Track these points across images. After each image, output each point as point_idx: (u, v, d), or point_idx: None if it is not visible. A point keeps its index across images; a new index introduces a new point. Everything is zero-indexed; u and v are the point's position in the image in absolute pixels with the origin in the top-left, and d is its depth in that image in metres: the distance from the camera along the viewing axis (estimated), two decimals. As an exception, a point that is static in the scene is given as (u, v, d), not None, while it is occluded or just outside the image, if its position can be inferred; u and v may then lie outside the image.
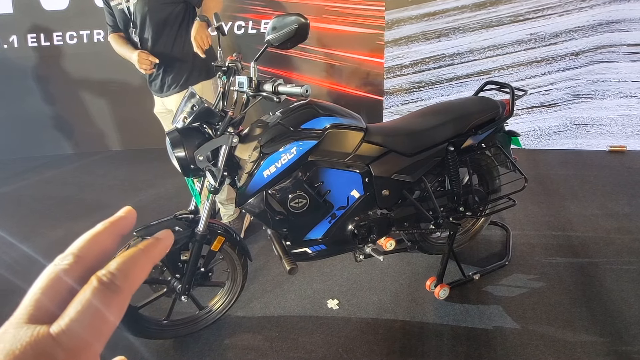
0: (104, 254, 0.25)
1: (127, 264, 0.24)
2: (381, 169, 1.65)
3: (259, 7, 3.58)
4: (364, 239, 1.70)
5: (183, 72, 2.03)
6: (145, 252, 0.25)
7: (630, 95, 3.28)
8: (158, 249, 0.26)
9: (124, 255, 0.24)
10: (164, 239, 0.26)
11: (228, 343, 1.71)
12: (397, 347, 1.66)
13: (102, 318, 0.21)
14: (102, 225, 0.26)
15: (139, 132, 4.04)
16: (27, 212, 3.00)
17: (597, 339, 1.62)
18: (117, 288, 0.22)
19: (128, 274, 0.23)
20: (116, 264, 0.23)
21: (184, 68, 2.03)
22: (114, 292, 0.22)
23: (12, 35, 3.73)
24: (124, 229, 0.26)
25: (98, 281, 0.22)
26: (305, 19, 1.26)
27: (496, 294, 1.90)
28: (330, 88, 3.77)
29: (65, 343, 0.20)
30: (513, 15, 3.26)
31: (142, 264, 0.24)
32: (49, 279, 0.23)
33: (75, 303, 0.21)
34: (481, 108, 1.82)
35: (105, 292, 0.22)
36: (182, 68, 2.03)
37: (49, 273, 0.23)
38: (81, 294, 0.22)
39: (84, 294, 0.22)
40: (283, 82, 1.35)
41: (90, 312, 0.21)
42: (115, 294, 0.22)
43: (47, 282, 0.23)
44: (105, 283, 0.22)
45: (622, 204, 2.58)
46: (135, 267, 0.24)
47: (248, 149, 1.48)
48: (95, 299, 0.22)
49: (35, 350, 0.20)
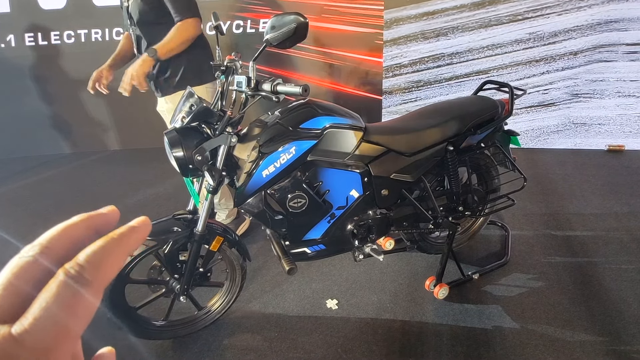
0: (75, 247, 0.22)
1: (98, 254, 0.21)
2: (380, 168, 1.65)
3: (258, 6, 3.57)
4: (363, 239, 1.69)
5: (174, 76, 2.02)
6: (118, 241, 0.22)
7: (628, 95, 3.28)
8: (133, 238, 0.23)
9: (94, 244, 0.21)
10: (139, 227, 0.24)
11: (227, 343, 1.71)
12: (397, 347, 1.65)
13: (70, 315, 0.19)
14: (79, 217, 0.23)
15: (138, 131, 4.03)
16: (25, 212, 2.99)
17: (596, 338, 1.62)
18: (86, 281, 0.20)
19: (99, 266, 0.21)
20: (85, 255, 0.21)
21: (175, 72, 2.01)
22: (82, 285, 0.20)
23: (9, 34, 3.71)
24: (103, 226, 0.24)
25: (65, 274, 0.20)
26: (305, 18, 1.25)
27: (495, 293, 1.90)
28: (329, 87, 3.76)
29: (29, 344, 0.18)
30: (512, 14, 3.26)
31: (115, 254, 0.22)
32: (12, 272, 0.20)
33: (40, 299, 0.19)
34: (480, 107, 1.82)
35: (73, 286, 0.20)
36: (174, 72, 2.01)
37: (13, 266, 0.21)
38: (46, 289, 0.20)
39: (49, 289, 0.20)
40: (282, 81, 1.34)
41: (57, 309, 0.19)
42: (84, 287, 0.20)
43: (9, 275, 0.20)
44: (73, 276, 0.20)
45: (621, 204, 2.58)
46: (107, 258, 0.21)
47: (247, 148, 1.47)
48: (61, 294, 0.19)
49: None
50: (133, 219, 0.25)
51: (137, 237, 0.23)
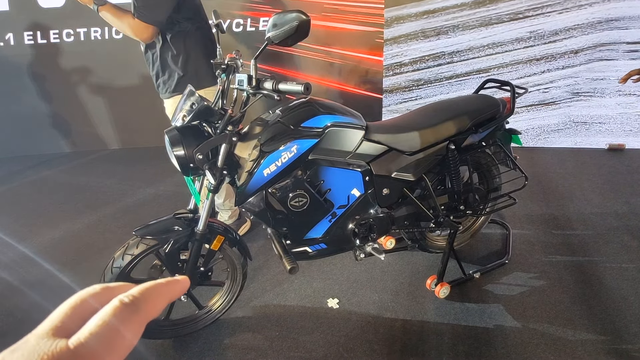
0: None
1: (148, 290, 0.26)
2: (382, 167, 1.64)
3: (258, 5, 3.56)
4: (365, 238, 1.69)
5: (172, 79, 2.00)
6: (165, 285, 0.27)
7: (629, 94, 3.28)
8: (178, 287, 0.28)
9: (146, 284, 0.26)
10: (182, 281, 0.29)
11: (228, 343, 1.70)
12: (398, 346, 1.65)
13: (119, 334, 0.22)
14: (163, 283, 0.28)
15: (137, 130, 4.02)
16: (24, 212, 2.98)
17: (598, 337, 1.62)
18: (136, 308, 0.24)
19: (147, 298, 0.25)
20: (138, 288, 0.25)
21: (173, 75, 1.99)
22: (132, 311, 0.24)
23: (8, 33, 3.70)
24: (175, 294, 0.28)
25: (119, 300, 0.24)
26: (307, 16, 1.24)
27: (496, 292, 1.89)
28: (329, 86, 3.75)
29: (81, 355, 0.21)
30: (512, 13, 3.25)
31: (162, 293, 0.26)
32: (78, 298, 0.25)
33: (95, 319, 0.23)
34: (482, 106, 1.81)
35: (124, 311, 0.23)
36: (172, 75, 2.00)
37: (79, 294, 0.25)
38: (103, 310, 0.23)
39: (104, 311, 0.23)
40: (283, 79, 1.34)
41: (108, 328, 0.22)
42: (133, 313, 0.24)
43: (75, 301, 0.24)
44: (127, 303, 0.24)
45: (621, 202, 2.58)
46: (154, 294, 0.26)
47: (248, 147, 1.47)
48: (114, 316, 0.23)
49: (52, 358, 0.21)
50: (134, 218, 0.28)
51: (180, 287, 0.28)
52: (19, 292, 2.07)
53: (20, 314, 1.93)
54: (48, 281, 2.15)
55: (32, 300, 2.01)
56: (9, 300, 2.02)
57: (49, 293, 2.04)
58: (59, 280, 2.16)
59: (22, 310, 1.95)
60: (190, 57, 1.96)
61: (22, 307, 1.97)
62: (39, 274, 2.22)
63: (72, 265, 2.27)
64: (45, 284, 2.13)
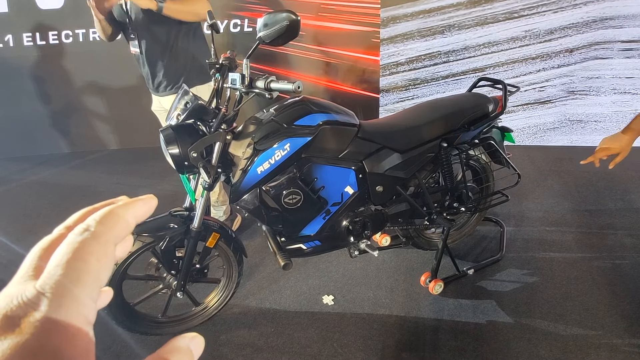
0: None
1: (102, 213, 0.24)
2: (375, 165, 1.66)
3: (255, 5, 3.58)
4: (359, 235, 1.71)
5: (179, 74, 2.04)
6: (123, 205, 0.25)
7: (624, 92, 3.29)
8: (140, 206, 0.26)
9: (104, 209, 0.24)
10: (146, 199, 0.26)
11: (224, 339, 1.72)
12: (392, 341, 1.67)
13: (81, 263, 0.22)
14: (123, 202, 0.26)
15: (136, 131, 4.04)
16: (23, 212, 3.00)
17: (589, 332, 1.64)
18: (92, 233, 0.23)
19: (103, 221, 0.23)
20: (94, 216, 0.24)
21: (179, 70, 2.04)
22: (89, 237, 0.22)
23: (7, 34, 3.72)
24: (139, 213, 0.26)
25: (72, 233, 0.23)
26: (296, 16, 1.26)
27: (490, 288, 1.91)
28: (326, 86, 3.77)
29: (46, 291, 0.21)
30: (508, 12, 3.27)
31: (121, 214, 0.24)
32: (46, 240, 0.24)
33: (53, 256, 0.22)
34: (474, 104, 1.83)
35: (80, 239, 0.22)
36: (178, 70, 2.04)
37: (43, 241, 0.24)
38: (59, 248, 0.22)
39: (61, 247, 0.22)
40: (275, 78, 1.36)
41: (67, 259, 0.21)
42: (91, 239, 0.22)
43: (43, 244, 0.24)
44: (79, 230, 0.23)
45: (616, 200, 2.60)
46: (111, 216, 0.24)
47: (242, 145, 1.49)
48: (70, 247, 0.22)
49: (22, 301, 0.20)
50: None
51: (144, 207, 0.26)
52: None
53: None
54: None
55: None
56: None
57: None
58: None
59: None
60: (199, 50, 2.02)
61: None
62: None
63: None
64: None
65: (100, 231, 0.23)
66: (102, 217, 0.24)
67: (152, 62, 2.03)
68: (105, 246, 0.23)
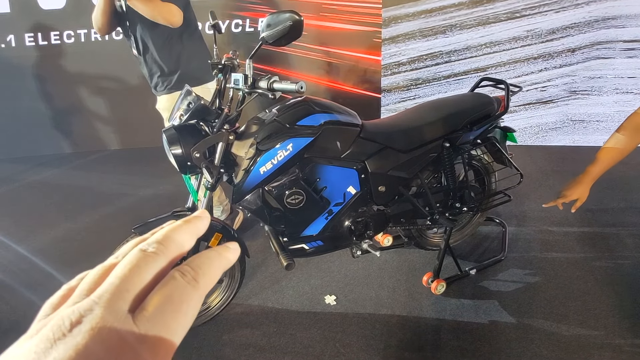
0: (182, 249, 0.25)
1: (207, 263, 0.24)
2: (377, 165, 1.66)
3: (257, 5, 3.58)
4: (361, 235, 1.71)
5: (172, 75, 2.04)
6: (219, 256, 0.25)
7: (626, 92, 3.29)
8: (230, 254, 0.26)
9: (201, 254, 0.24)
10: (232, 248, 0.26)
11: (226, 339, 1.73)
12: (394, 341, 1.67)
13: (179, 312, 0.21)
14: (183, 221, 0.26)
15: (138, 131, 4.05)
16: (25, 212, 3.01)
17: (591, 332, 1.64)
18: (197, 285, 0.22)
19: (206, 273, 0.23)
20: (197, 261, 0.23)
21: (173, 70, 2.04)
22: (193, 287, 0.22)
23: (9, 34, 3.73)
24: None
25: (180, 275, 0.22)
26: (299, 16, 1.26)
27: (492, 288, 1.91)
28: (327, 86, 3.77)
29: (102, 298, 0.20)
30: (510, 12, 3.27)
31: (218, 266, 0.24)
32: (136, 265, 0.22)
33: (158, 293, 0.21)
34: (476, 104, 1.83)
35: (187, 287, 0.22)
36: (172, 70, 2.04)
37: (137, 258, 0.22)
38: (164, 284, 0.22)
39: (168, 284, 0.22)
40: (278, 79, 1.36)
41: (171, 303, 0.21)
42: (194, 290, 0.22)
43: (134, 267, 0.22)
44: (188, 279, 0.22)
45: (618, 199, 2.60)
46: (211, 268, 0.24)
47: (244, 145, 1.49)
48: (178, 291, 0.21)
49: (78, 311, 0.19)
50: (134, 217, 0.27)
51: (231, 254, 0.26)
52: (18, 293, 2.10)
53: (20, 315, 1.95)
54: (48, 281, 2.18)
55: (32, 300, 2.03)
56: (7, 301, 2.04)
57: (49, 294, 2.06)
58: (59, 281, 2.18)
59: (21, 311, 1.97)
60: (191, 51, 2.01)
61: (22, 308, 1.99)
62: (39, 275, 2.25)
63: (72, 265, 2.30)
64: (45, 284, 2.16)
65: (202, 285, 0.23)
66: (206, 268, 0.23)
67: (148, 63, 2.05)
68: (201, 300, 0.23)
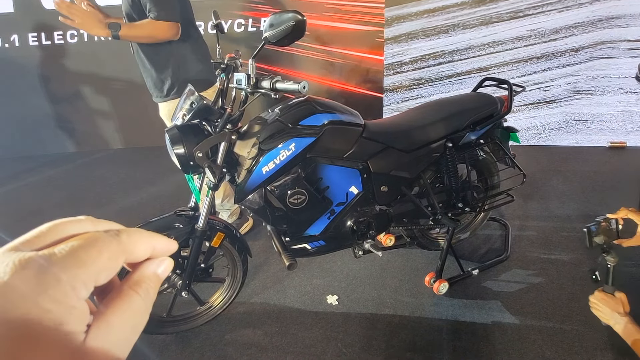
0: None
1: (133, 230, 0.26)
2: (380, 165, 1.66)
3: (259, 5, 3.58)
4: (363, 235, 1.71)
5: (164, 83, 2.02)
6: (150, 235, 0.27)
7: (630, 91, 3.27)
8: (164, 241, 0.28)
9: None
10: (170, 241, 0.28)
11: (228, 338, 1.73)
12: (396, 342, 1.67)
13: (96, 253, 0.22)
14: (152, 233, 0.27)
15: (140, 130, 4.06)
16: (28, 212, 3.02)
17: (595, 333, 1.63)
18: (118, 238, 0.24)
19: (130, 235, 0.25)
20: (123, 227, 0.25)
21: (165, 79, 2.01)
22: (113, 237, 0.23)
23: (13, 34, 3.74)
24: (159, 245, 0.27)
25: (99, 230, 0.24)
26: (302, 16, 1.26)
27: (495, 289, 1.91)
28: (330, 85, 3.77)
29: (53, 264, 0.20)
30: (513, 11, 3.26)
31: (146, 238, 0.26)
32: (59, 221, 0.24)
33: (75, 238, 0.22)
34: (479, 104, 1.83)
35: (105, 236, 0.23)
36: (165, 78, 2.01)
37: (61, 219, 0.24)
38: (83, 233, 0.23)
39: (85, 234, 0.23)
40: (281, 78, 1.36)
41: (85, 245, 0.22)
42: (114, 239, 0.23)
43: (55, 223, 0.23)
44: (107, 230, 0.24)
45: (622, 200, 2.58)
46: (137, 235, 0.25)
47: (247, 145, 1.49)
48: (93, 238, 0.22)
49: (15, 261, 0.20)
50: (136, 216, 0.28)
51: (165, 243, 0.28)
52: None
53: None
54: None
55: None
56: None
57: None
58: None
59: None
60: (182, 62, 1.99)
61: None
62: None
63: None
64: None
65: (125, 240, 0.24)
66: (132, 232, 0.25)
67: (143, 66, 2.05)
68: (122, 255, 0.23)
